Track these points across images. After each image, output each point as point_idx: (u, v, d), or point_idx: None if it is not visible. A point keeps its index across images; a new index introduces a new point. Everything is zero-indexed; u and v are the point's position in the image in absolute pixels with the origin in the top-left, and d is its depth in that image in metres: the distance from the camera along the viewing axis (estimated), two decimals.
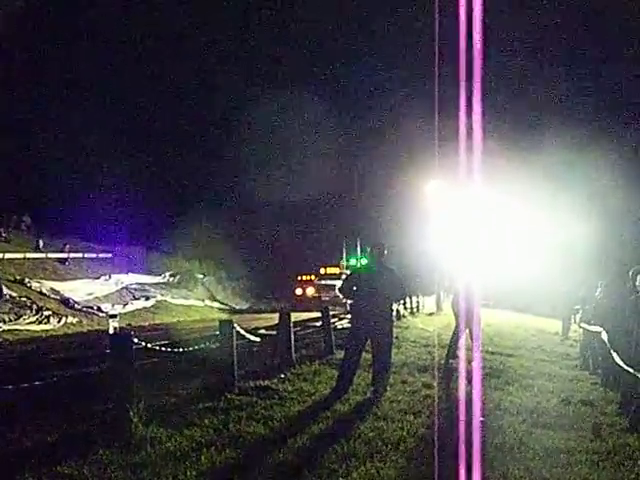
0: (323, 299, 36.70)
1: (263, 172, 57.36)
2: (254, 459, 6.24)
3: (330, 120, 62.15)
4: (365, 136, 76.77)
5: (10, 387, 7.79)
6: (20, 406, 8.00)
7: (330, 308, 15.38)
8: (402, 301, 11.14)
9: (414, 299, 32.80)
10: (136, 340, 7.39)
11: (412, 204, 40.41)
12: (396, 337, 13.60)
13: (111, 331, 18.06)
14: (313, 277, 42.00)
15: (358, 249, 43.79)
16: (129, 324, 27.21)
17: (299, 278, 42.06)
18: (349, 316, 12.45)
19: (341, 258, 42.46)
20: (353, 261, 43.96)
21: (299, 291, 40.80)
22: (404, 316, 24.88)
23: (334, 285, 36.44)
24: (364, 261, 43.38)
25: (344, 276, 12.05)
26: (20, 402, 8.05)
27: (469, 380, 10.54)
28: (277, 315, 13.11)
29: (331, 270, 42.18)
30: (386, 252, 10.28)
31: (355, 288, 10.06)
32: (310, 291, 39.34)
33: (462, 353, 13.18)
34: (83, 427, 7.14)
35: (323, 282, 39.77)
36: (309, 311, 27.59)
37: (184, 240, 47.83)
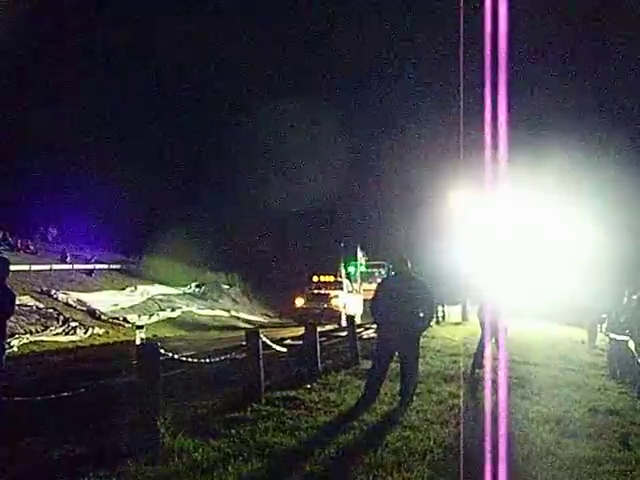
0: (313, 311, 32.75)
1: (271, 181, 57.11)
2: (281, 470, 6.27)
3: (346, 126, 61.93)
4: (382, 143, 76.11)
5: (38, 398, 7.85)
6: (48, 418, 8.07)
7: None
8: (434, 316, 10.81)
9: (440, 308, 32.50)
10: (163, 351, 7.43)
11: (437, 213, 40.08)
12: (422, 347, 13.55)
13: (138, 342, 18.07)
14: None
15: (359, 256, 41.18)
16: (155, 335, 27.26)
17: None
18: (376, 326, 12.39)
19: (339, 266, 38.72)
20: (352, 269, 41.30)
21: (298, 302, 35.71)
22: (430, 326, 24.71)
23: (327, 295, 34.61)
24: (364, 269, 41.91)
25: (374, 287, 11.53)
26: (48, 414, 8.12)
27: (495, 390, 10.52)
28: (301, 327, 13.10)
29: (325, 278, 38.21)
30: (409, 263, 10.25)
31: (382, 300, 10.05)
32: (299, 302, 35.04)
33: (488, 362, 13.15)
34: (111, 439, 7.20)
35: (315, 291, 35.52)
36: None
37: (209, 251, 47.97)
